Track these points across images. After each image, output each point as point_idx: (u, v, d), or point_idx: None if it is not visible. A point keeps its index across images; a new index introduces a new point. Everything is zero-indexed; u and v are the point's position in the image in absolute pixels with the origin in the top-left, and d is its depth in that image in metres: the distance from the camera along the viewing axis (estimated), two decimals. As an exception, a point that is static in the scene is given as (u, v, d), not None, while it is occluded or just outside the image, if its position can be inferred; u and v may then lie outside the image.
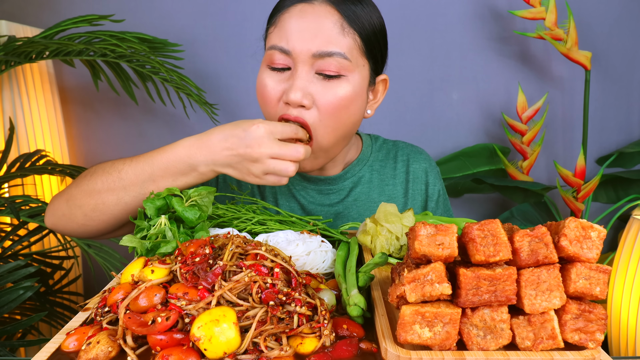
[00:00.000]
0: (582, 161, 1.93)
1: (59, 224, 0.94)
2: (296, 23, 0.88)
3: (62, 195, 0.93)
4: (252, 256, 0.63)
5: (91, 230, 0.92)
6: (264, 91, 0.93)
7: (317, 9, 0.89)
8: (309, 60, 0.88)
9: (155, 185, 0.85)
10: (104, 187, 0.87)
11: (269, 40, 0.94)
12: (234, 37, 2.13)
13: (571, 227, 0.55)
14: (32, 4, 2.06)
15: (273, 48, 0.91)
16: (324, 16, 0.88)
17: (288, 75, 0.91)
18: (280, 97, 0.91)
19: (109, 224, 0.90)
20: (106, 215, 0.88)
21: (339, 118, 0.91)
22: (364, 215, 1.10)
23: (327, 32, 0.87)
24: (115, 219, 0.89)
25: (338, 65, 0.88)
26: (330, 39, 0.87)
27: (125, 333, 0.55)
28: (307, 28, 0.87)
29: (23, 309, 1.64)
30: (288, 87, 0.89)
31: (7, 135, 1.77)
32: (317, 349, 0.55)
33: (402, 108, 2.21)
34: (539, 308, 0.54)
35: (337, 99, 0.89)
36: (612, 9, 2.15)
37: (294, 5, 0.90)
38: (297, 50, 0.88)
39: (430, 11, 2.14)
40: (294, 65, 0.89)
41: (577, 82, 2.20)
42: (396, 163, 1.14)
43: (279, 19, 0.91)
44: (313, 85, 0.89)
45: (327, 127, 0.91)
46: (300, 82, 0.88)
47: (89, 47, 1.69)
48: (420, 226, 0.55)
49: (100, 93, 2.11)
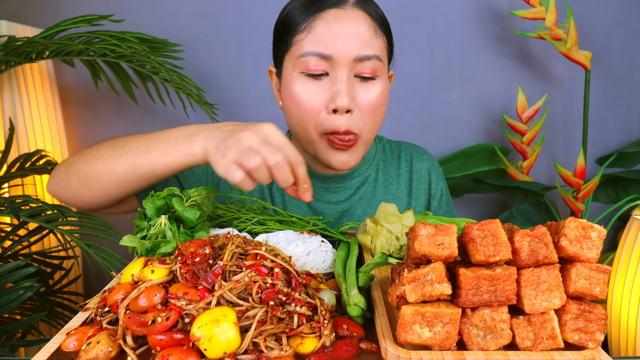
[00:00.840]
0: (582, 161, 1.93)
1: (57, 190, 0.93)
2: (335, 28, 0.88)
3: (64, 162, 0.93)
4: (252, 256, 0.63)
5: (84, 200, 0.90)
6: (303, 101, 0.91)
7: (351, 13, 0.89)
8: (350, 64, 0.89)
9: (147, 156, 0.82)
10: (101, 155, 0.85)
11: (300, 46, 0.90)
12: (234, 37, 2.13)
13: (571, 227, 0.55)
14: (32, 4, 2.06)
15: (309, 54, 0.89)
16: (359, 21, 0.89)
17: (326, 81, 0.90)
18: (322, 106, 0.90)
19: (99, 196, 0.88)
20: (97, 185, 0.86)
21: (377, 116, 0.95)
22: (369, 214, 1.11)
23: (364, 35, 0.89)
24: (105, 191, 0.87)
25: (374, 67, 0.90)
26: (367, 43, 0.89)
27: (125, 333, 0.55)
28: (347, 33, 0.88)
29: (23, 309, 1.64)
30: (333, 93, 0.89)
31: (7, 135, 1.77)
32: (317, 349, 0.55)
33: (402, 108, 2.21)
34: (539, 308, 0.54)
35: (375, 99, 0.92)
36: (612, 9, 2.15)
37: (326, 11, 0.89)
38: (338, 54, 0.88)
39: (430, 11, 2.14)
40: (333, 71, 0.89)
41: (577, 82, 2.20)
42: (400, 163, 1.16)
43: (313, 25, 0.89)
44: (353, 90, 0.91)
45: (368, 125, 0.94)
46: (346, 87, 0.88)
47: (89, 47, 1.68)
48: (420, 226, 0.55)
49: (100, 93, 2.11)
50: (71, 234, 1.55)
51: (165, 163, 0.81)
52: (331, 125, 0.90)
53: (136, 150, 0.83)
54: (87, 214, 1.65)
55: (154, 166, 0.82)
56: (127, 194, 0.90)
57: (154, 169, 0.82)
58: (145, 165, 0.82)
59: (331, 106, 0.89)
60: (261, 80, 2.15)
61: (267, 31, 2.13)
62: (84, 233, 1.61)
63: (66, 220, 1.57)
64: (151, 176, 0.84)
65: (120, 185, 0.86)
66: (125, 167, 0.83)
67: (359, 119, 0.92)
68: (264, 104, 2.17)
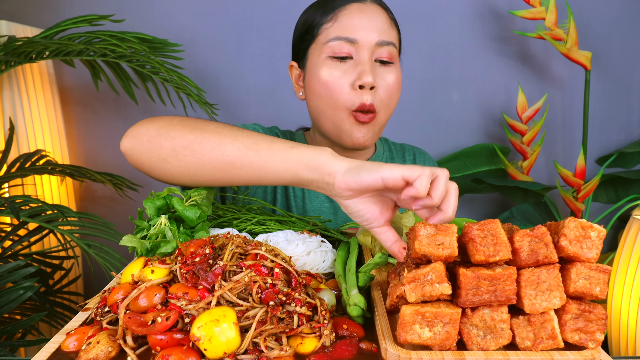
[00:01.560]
0: (582, 161, 1.93)
1: (136, 151, 0.81)
2: (358, 17, 1.01)
3: (156, 121, 0.81)
4: (252, 256, 0.63)
5: (166, 172, 0.80)
6: (331, 81, 1.01)
7: (371, 7, 1.03)
8: (372, 48, 1.00)
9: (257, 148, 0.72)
10: (211, 129, 0.77)
11: (327, 34, 1.02)
12: (234, 37, 2.13)
13: (571, 227, 0.55)
14: (32, 4, 2.06)
15: (336, 39, 1.01)
16: (378, 13, 1.03)
17: (351, 64, 1.01)
18: (348, 85, 1.00)
19: (189, 173, 0.78)
20: (195, 158, 0.76)
21: (393, 98, 1.05)
22: None
23: (383, 25, 1.02)
24: (200, 169, 0.76)
25: (391, 52, 1.03)
26: (385, 31, 1.02)
27: (125, 333, 0.55)
28: (369, 21, 1.01)
29: (23, 309, 1.64)
30: (359, 72, 0.99)
31: (7, 135, 1.77)
32: (317, 349, 0.55)
33: (402, 108, 2.21)
34: (539, 308, 0.54)
35: (393, 82, 1.04)
36: (612, 9, 2.15)
37: (351, 4, 1.03)
38: (362, 39, 1.00)
39: (430, 11, 2.14)
40: (357, 54, 1.01)
41: (577, 82, 2.20)
42: (404, 161, 1.25)
43: (338, 16, 1.02)
44: (375, 70, 1.01)
45: (385, 106, 1.04)
46: (369, 67, 0.99)
47: (89, 47, 1.69)
48: (421, 226, 0.55)
49: (100, 93, 2.11)
50: (71, 234, 1.55)
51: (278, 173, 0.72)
52: (359, 100, 1.00)
53: (256, 140, 0.74)
54: (87, 214, 1.65)
55: (268, 163, 0.72)
56: (218, 181, 0.79)
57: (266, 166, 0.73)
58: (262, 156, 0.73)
59: (357, 83, 0.99)
60: (261, 80, 2.15)
61: (267, 31, 2.13)
62: (84, 233, 1.61)
63: (66, 220, 1.57)
64: (259, 172, 0.74)
65: (219, 169, 0.75)
66: (237, 149, 0.73)
67: (379, 98, 1.02)
68: (264, 104, 2.17)
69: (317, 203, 1.15)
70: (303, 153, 0.71)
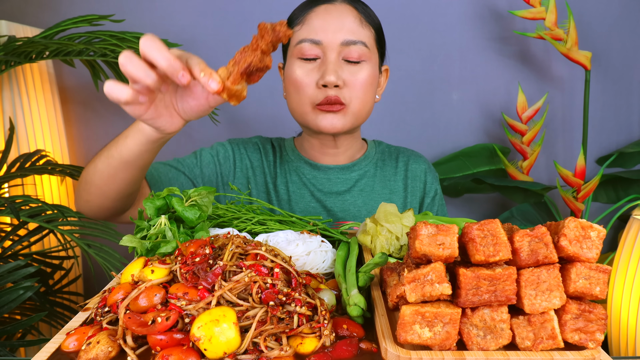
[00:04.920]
0: (582, 161, 1.93)
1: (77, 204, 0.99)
2: (324, 18, 1.04)
3: (79, 182, 0.98)
4: (252, 256, 0.63)
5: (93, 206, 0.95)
6: (299, 80, 1.06)
7: (339, 7, 1.06)
8: (337, 49, 1.04)
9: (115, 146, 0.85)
10: (92, 161, 0.91)
11: (297, 37, 1.07)
12: (234, 37, 2.13)
13: (571, 227, 0.55)
14: (32, 4, 2.06)
15: (304, 41, 1.05)
16: (346, 12, 1.05)
17: (318, 63, 1.05)
18: (314, 84, 1.05)
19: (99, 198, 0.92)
20: (93, 187, 0.91)
21: (366, 95, 1.08)
22: (369, 204, 1.18)
23: (350, 24, 1.04)
24: (100, 191, 0.90)
25: (360, 52, 1.04)
26: (353, 30, 1.04)
27: (125, 333, 0.55)
28: (334, 22, 1.04)
29: (23, 309, 1.64)
30: (322, 72, 1.03)
31: (7, 135, 1.77)
32: (317, 349, 0.55)
33: (402, 108, 2.21)
34: (539, 308, 0.54)
35: (363, 79, 1.06)
36: (612, 9, 2.15)
37: (319, 6, 1.06)
38: (327, 39, 1.03)
39: (430, 11, 2.14)
40: (323, 55, 1.04)
41: (577, 82, 2.20)
42: (397, 163, 1.25)
43: (306, 18, 1.06)
44: (341, 70, 1.04)
45: (356, 100, 1.06)
46: (333, 66, 1.03)
47: (89, 47, 1.68)
48: (422, 226, 0.55)
49: (100, 93, 2.11)
50: (71, 234, 1.55)
51: (127, 146, 0.82)
52: (322, 95, 1.04)
53: (107, 147, 0.87)
54: (87, 214, 1.65)
55: (121, 153, 0.83)
56: (119, 190, 0.90)
57: (121, 155, 0.84)
58: (115, 155, 0.84)
59: (321, 82, 1.03)
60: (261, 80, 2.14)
61: (267, 31, 2.13)
62: (84, 233, 1.61)
63: (66, 220, 1.57)
64: (122, 163, 0.85)
65: (106, 181, 0.88)
66: (102, 162, 0.87)
67: (348, 93, 1.05)
68: (264, 104, 2.17)
69: (303, 204, 1.17)
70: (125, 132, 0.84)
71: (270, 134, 2.25)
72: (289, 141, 1.25)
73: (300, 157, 1.19)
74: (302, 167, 1.19)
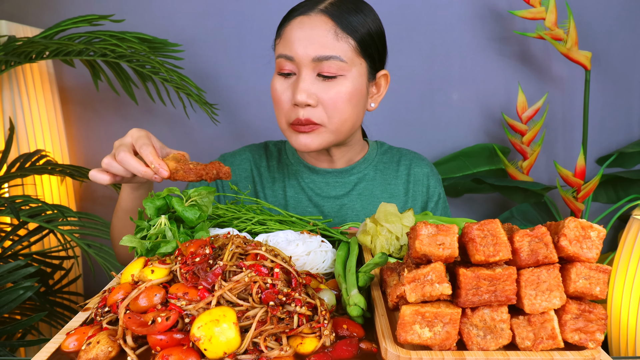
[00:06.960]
0: (582, 161, 1.93)
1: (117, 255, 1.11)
2: (296, 33, 0.99)
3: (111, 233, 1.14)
4: (252, 256, 0.63)
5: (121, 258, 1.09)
6: (276, 95, 1.04)
7: (314, 19, 0.99)
8: (311, 65, 0.99)
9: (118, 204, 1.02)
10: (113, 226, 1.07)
11: (276, 50, 1.05)
12: (234, 37, 2.13)
13: (571, 227, 0.55)
14: (32, 4, 2.06)
15: (280, 57, 1.02)
16: (319, 25, 0.99)
17: (293, 79, 1.02)
18: (289, 101, 1.02)
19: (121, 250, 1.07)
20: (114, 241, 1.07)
21: (343, 111, 1.02)
22: (368, 209, 1.17)
23: (322, 38, 0.98)
24: None
25: (336, 66, 0.99)
26: (326, 44, 0.98)
27: (125, 333, 0.55)
28: (305, 36, 0.98)
29: (23, 309, 1.64)
30: (294, 90, 1.00)
31: (7, 135, 1.77)
32: (317, 349, 0.55)
33: (402, 108, 2.21)
34: (539, 308, 0.54)
35: (339, 95, 1.00)
36: (612, 9, 2.15)
37: (295, 18, 1.01)
38: (299, 56, 0.98)
39: (430, 11, 2.14)
40: (298, 70, 1.00)
41: (577, 82, 2.20)
42: (399, 166, 1.23)
43: (283, 31, 1.03)
44: (315, 86, 0.99)
45: (334, 118, 1.02)
46: (303, 85, 0.99)
47: (89, 47, 1.68)
48: (422, 226, 0.55)
49: (100, 93, 2.11)
50: (71, 234, 1.55)
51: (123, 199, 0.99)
52: (294, 115, 1.01)
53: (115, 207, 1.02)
54: (87, 214, 1.65)
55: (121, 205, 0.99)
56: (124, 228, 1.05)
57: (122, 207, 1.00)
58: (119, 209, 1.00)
59: (292, 101, 1.01)
60: (261, 80, 2.15)
61: (267, 31, 2.13)
62: (84, 233, 1.61)
63: (66, 220, 1.57)
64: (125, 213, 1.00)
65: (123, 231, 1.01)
66: (114, 218, 1.03)
67: (323, 113, 1.01)
68: (264, 104, 2.17)
69: (301, 209, 1.16)
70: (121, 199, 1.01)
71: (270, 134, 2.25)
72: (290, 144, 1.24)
73: (299, 161, 1.19)
74: (302, 171, 1.18)
